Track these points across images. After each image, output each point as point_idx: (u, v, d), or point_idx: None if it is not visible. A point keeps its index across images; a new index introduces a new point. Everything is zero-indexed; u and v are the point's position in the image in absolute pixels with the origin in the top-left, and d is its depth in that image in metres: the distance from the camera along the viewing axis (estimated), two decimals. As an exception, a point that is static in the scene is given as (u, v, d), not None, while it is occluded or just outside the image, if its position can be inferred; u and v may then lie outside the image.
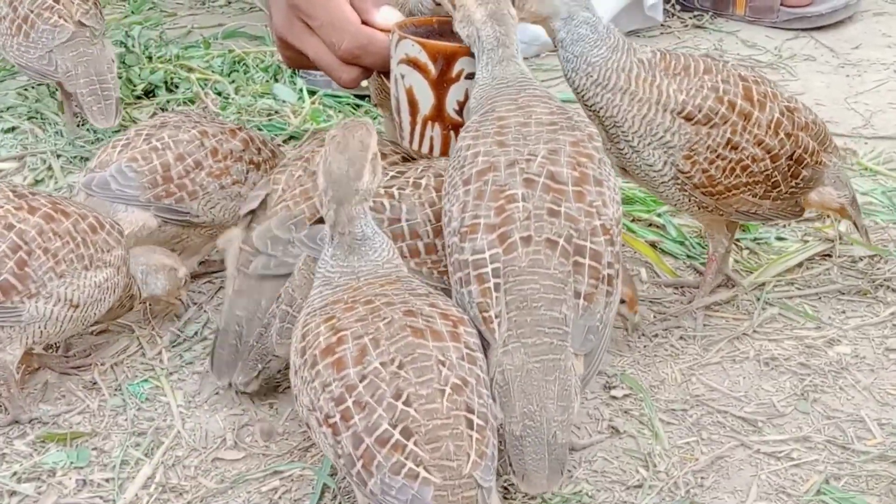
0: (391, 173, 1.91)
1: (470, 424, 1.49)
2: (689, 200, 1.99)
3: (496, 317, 1.63)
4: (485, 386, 1.56)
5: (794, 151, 1.99)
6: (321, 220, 1.77)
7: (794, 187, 2.02)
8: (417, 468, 1.45)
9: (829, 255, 2.30)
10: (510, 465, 1.59)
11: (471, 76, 1.91)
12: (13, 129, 2.73)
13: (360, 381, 1.51)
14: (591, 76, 1.93)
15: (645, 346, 2.07)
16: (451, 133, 1.95)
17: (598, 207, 1.69)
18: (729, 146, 1.94)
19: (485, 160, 1.71)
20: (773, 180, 1.99)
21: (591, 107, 1.95)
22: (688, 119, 1.92)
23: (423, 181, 1.89)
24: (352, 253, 1.67)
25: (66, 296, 1.87)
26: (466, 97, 1.93)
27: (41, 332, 1.87)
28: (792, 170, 2.00)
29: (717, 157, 1.94)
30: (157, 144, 2.13)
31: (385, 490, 1.46)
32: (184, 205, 2.12)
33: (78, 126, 2.69)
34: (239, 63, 2.98)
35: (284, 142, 2.66)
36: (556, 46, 1.96)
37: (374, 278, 1.66)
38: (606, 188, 1.72)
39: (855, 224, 2.18)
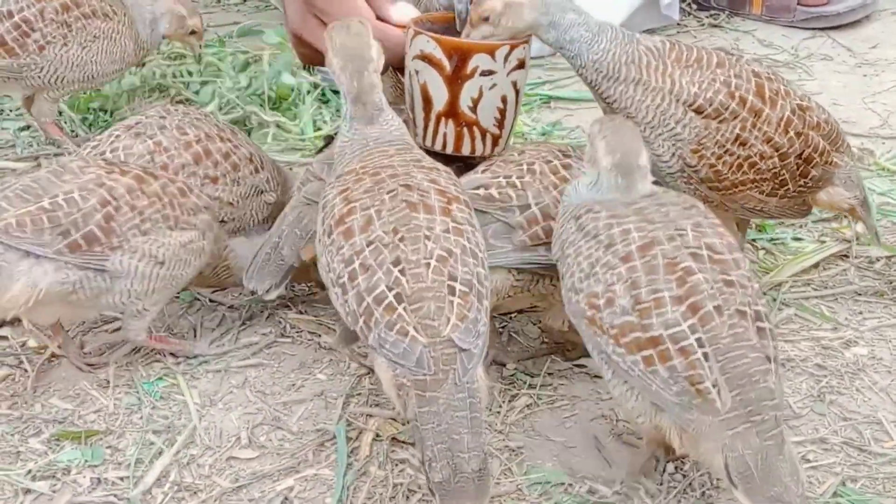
0: (491, 167, 1.95)
1: (452, 290, 1.63)
2: (695, 194, 1.98)
3: (714, 386, 1.57)
4: (471, 255, 1.67)
5: (804, 150, 1.98)
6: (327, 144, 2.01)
7: (802, 186, 2.01)
8: (407, 327, 1.60)
9: (846, 256, 2.29)
10: None
11: (485, 73, 1.91)
12: (28, 127, 2.73)
13: (366, 247, 1.67)
14: (601, 71, 1.92)
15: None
16: (465, 130, 1.95)
17: (750, 272, 1.68)
18: (738, 142, 1.93)
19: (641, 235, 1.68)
20: (780, 178, 1.98)
21: (605, 99, 1.94)
22: (698, 112, 1.92)
23: (536, 167, 1.92)
24: (370, 123, 1.82)
25: (151, 252, 1.91)
26: (480, 94, 1.93)
27: (128, 291, 1.91)
28: (801, 169, 1.99)
29: (726, 152, 1.93)
30: (111, 156, 2.08)
31: (381, 343, 1.61)
32: None
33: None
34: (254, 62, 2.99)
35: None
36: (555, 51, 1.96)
37: (385, 144, 1.81)
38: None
39: (865, 225, 2.16)
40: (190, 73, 2.90)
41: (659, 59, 1.92)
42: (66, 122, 2.74)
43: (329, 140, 2.06)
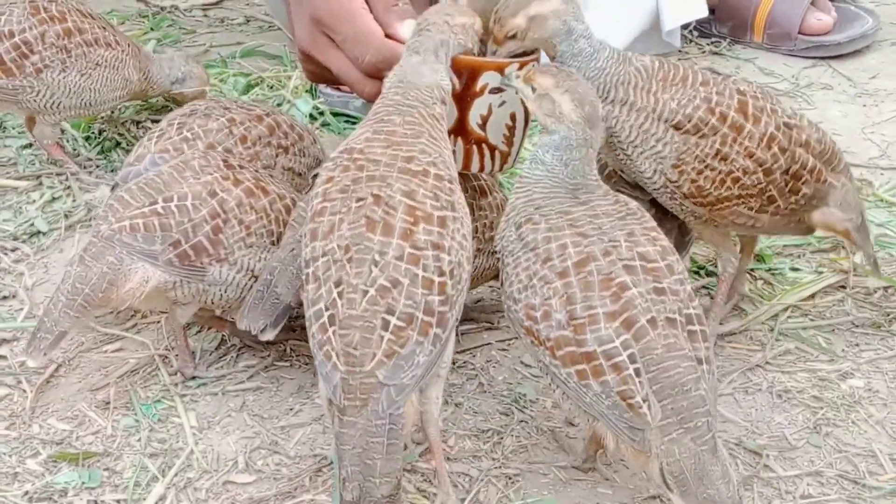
0: None
1: (385, 325, 1.60)
2: (682, 210, 2.01)
3: (644, 401, 1.63)
4: (423, 285, 1.63)
5: (791, 167, 1.99)
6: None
7: (793, 204, 2.02)
8: (332, 352, 1.61)
9: (844, 287, 2.29)
10: None
11: (494, 91, 1.92)
12: (30, 145, 2.74)
13: (320, 257, 1.66)
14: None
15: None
16: (474, 147, 1.96)
17: (682, 275, 1.73)
18: (718, 157, 1.95)
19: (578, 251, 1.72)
20: (768, 195, 1.99)
21: None
22: (678, 128, 1.94)
23: None
24: (416, 54, 1.83)
25: (249, 266, 1.98)
26: (490, 112, 1.94)
27: (220, 295, 1.98)
28: (790, 185, 2.00)
29: (706, 167, 1.95)
30: (188, 134, 2.17)
31: (316, 355, 1.63)
32: None
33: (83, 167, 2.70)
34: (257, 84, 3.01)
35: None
36: (554, 62, 1.97)
37: (405, 106, 1.79)
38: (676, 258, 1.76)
39: (863, 252, 2.17)
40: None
41: (647, 79, 1.96)
42: (68, 141, 2.75)
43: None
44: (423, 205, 1.69)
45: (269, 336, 1.93)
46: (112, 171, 2.64)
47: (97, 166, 2.67)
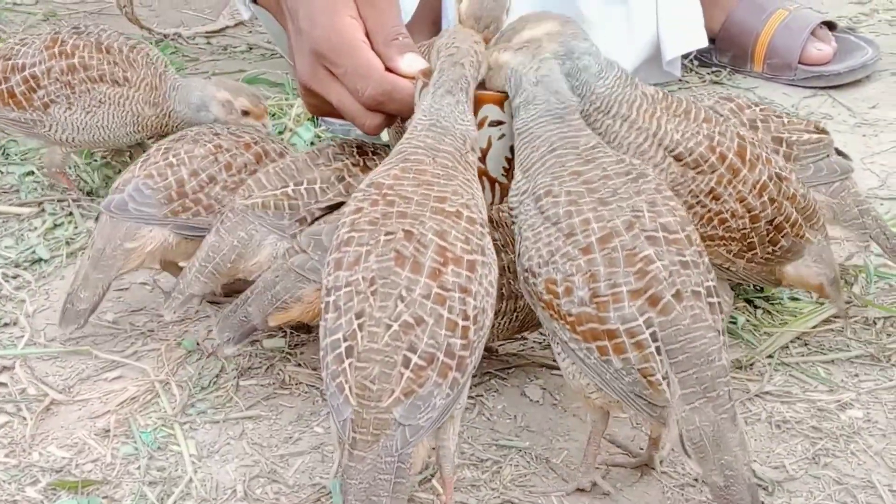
0: None
1: (406, 362, 1.59)
2: None
3: (664, 378, 1.67)
4: (447, 326, 1.62)
5: (776, 217, 2.00)
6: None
7: (769, 254, 2.04)
8: (345, 385, 1.59)
9: (838, 317, 2.29)
10: None
11: (494, 123, 1.93)
12: (32, 172, 2.75)
13: (343, 287, 1.65)
14: (595, 103, 1.96)
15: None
16: None
17: (701, 246, 1.77)
18: (711, 195, 1.96)
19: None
20: (749, 241, 2.01)
21: None
22: (677, 159, 1.95)
23: None
24: (450, 94, 1.84)
25: None
26: (489, 144, 1.95)
27: None
28: (771, 236, 2.02)
29: (698, 203, 1.96)
30: (173, 160, 2.18)
31: (328, 387, 1.62)
32: (200, 219, 2.16)
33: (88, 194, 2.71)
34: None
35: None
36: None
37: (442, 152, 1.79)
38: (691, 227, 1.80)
39: (834, 304, 2.20)
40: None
41: (651, 104, 1.96)
42: (70, 167, 2.75)
43: (326, 211, 2.07)
44: (454, 247, 1.68)
45: (229, 351, 2.00)
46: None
47: (99, 195, 2.67)
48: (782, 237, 2.03)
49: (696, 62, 3.40)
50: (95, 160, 2.78)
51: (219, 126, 2.33)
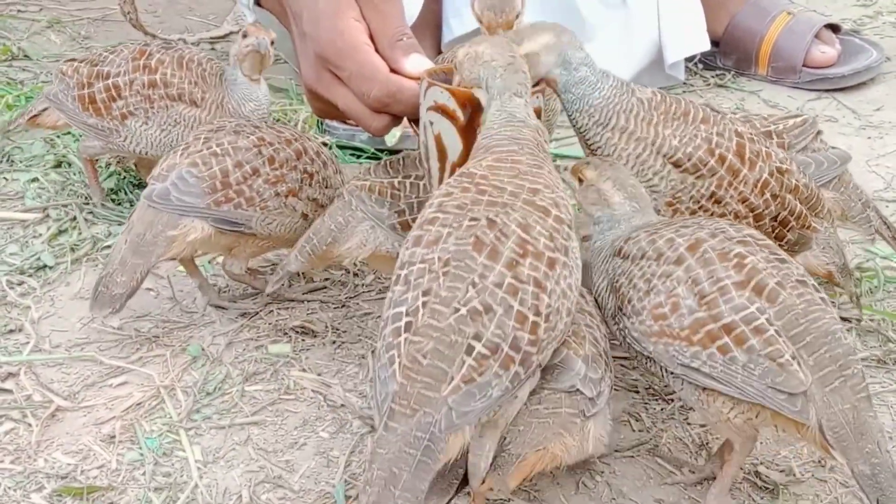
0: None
1: (469, 350, 1.57)
2: None
3: (793, 358, 1.65)
4: (517, 318, 1.59)
5: (780, 213, 2.00)
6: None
7: None
8: (397, 359, 1.57)
9: (848, 320, 2.29)
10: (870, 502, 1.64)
11: (442, 112, 1.92)
12: (36, 179, 2.75)
13: (417, 263, 1.64)
14: (593, 116, 1.96)
15: (661, 409, 2.06)
16: None
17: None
18: (713, 199, 1.96)
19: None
20: None
21: (590, 145, 1.98)
22: (676, 165, 1.95)
23: None
24: (517, 96, 1.81)
25: None
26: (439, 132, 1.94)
27: None
28: (776, 232, 2.01)
29: (700, 207, 1.96)
30: (217, 149, 2.18)
31: (379, 357, 1.60)
32: (241, 212, 2.17)
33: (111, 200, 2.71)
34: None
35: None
36: (556, 91, 1.98)
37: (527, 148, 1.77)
38: None
39: (845, 291, 2.20)
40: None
41: (648, 110, 1.96)
42: (75, 174, 2.76)
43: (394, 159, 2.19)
44: (537, 241, 1.65)
45: (271, 289, 2.23)
46: (118, 204, 2.65)
47: (112, 199, 2.68)
48: (788, 231, 2.03)
49: (700, 65, 3.41)
50: (101, 166, 2.78)
51: (256, 119, 2.34)
